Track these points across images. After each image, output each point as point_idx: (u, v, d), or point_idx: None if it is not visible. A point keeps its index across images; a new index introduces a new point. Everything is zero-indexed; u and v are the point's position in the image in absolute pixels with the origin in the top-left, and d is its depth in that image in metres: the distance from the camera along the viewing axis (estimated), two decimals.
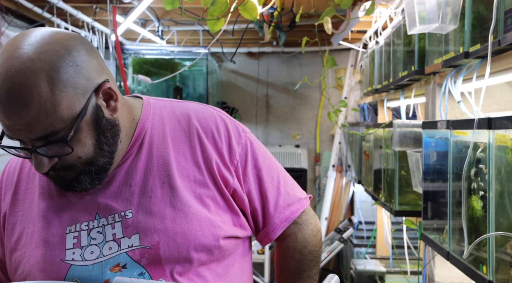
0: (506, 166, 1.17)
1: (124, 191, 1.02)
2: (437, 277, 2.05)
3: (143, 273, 0.98)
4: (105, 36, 4.04)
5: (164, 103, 1.13)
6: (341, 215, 4.91)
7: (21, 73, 0.85)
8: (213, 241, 1.01)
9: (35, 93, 0.85)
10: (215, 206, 1.04)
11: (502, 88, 2.03)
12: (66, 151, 0.91)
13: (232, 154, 1.08)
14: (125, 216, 1.00)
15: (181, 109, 1.11)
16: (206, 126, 1.08)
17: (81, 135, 0.92)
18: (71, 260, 0.98)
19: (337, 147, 4.95)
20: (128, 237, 0.99)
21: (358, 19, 3.07)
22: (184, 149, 1.06)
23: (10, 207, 1.07)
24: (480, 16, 1.52)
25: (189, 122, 1.08)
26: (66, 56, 0.89)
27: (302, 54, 5.26)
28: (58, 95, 0.87)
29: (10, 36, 3.10)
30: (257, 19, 2.06)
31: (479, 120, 1.27)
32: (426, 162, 1.81)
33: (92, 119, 0.93)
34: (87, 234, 1.00)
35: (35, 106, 0.86)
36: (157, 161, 1.04)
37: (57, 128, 0.89)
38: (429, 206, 1.81)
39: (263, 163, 1.13)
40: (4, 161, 3.21)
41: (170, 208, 1.00)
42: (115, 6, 2.94)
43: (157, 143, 1.05)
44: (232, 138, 1.09)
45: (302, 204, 1.17)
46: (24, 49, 0.87)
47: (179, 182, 1.02)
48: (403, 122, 2.23)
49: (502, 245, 1.21)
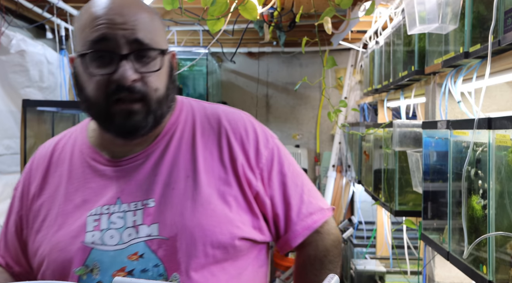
0: (506, 166, 1.17)
1: (150, 179, 1.04)
2: (437, 277, 2.05)
3: (158, 265, 0.98)
4: None
5: (196, 103, 1.17)
6: (341, 215, 4.91)
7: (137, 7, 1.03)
8: (229, 239, 1.01)
9: (147, 8, 1.04)
10: (236, 205, 1.05)
11: (502, 88, 2.03)
12: (155, 67, 1.00)
13: (258, 157, 1.09)
14: (147, 204, 1.01)
15: (212, 110, 1.15)
16: (235, 127, 1.11)
17: (163, 67, 1.03)
18: (91, 243, 1.00)
19: (337, 146, 4.95)
20: (148, 225, 1.00)
21: (358, 19, 3.07)
22: (212, 147, 1.08)
23: (39, 190, 1.11)
24: (480, 16, 1.52)
25: (219, 122, 1.11)
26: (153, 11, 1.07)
27: (302, 54, 5.26)
28: (159, 23, 1.06)
29: (10, 36, 3.10)
30: (257, 19, 2.06)
31: (479, 120, 1.27)
32: (426, 162, 1.81)
33: (168, 65, 1.05)
34: (108, 218, 1.02)
35: (147, 14, 1.02)
36: (184, 155, 1.06)
37: (157, 43, 1.01)
38: (429, 206, 1.81)
39: (289, 169, 1.13)
40: (4, 161, 3.21)
41: (191, 201, 1.01)
42: None
43: (186, 138, 1.08)
44: (259, 142, 1.11)
45: (325, 214, 1.17)
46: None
47: (203, 178, 1.04)
48: (403, 122, 2.23)
49: (502, 245, 1.21)
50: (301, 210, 1.12)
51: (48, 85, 3.56)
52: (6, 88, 3.21)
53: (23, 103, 2.56)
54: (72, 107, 3.01)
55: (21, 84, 3.29)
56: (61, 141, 1.17)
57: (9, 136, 3.23)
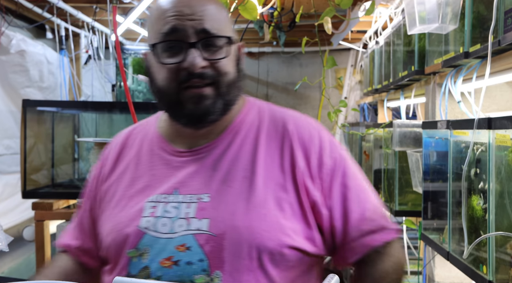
0: (506, 166, 1.17)
1: (208, 174, 1.05)
2: (437, 277, 2.05)
3: (202, 260, 0.98)
4: (105, 36, 4.04)
5: (266, 105, 1.17)
6: None
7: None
8: (278, 246, 0.99)
9: (214, 0, 1.06)
10: (291, 212, 1.02)
11: (502, 88, 2.03)
12: (222, 55, 1.03)
13: (321, 166, 1.06)
14: (201, 199, 1.02)
15: (280, 113, 1.14)
16: (300, 134, 1.09)
17: (231, 54, 1.06)
18: (144, 228, 1.03)
19: None
20: (199, 219, 1.00)
21: (358, 19, 3.07)
22: (274, 150, 1.07)
23: (109, 172, 1.16)
24: (480, 16, 1.52)
25: (285, 126, 1.10)
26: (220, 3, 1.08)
27: (302, 54, 5.26)
28: (226, 14, 1.07)
29: (10, 36, 3.11)
30: (257, 19, 2.06)
31: (479, 120, 1.27)
32: (426, 162, 1.81)
33: (236, 53, 1.08)
34: (163, 206, 1.04)
35: (214, 6, 1.05)
36: (246, 155, 1.06)
37: (223, 32, 1.03)
38: (429, 206, 1.81)
39: (353, 182, 1.08)
40: (4, 161, 3.21)
41: (245, 202, 1.01)
42: (115, 6, 2.93)
43: (251, 138, 1.08)
44: (324, 151, 1.08)
45: (387, 235, 1.09)
46: None
47: (260, 181, 1.03)
48: (403, 122, 2.23)
49: (502, 245, 1.21)
50: (361, 226, 1.06)
51: (48, 85, 3.56)
52: (6, 88, 3.21)
53: (23, 103, 2.56)
54: (72, 107, 3.01)
55: (21, 84, 3.29)
56: (136, 129, 1.23)
57: (9, 136, 3.23)
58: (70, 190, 2.84)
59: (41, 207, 2.51)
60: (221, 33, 1.02)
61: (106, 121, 3.05)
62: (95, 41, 3.98)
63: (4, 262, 2.99)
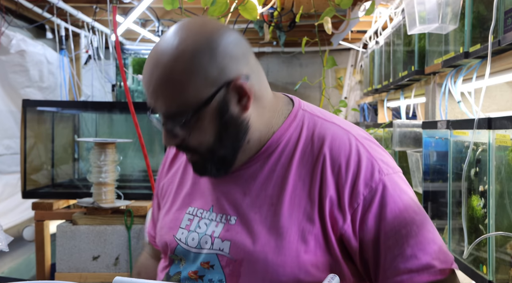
0: (506, 166, 1.17)
1: (240, 195, 1.02)
2: None
3: (221, 281, 0.98)
4: (105, 36, 4.04)
5: (310, 117, 1.05)
6: None
7: (160, 54, 0.93)
8: (292, 281, 0.94)
9: (168, 73, 0.92)
10: (315, 244, 0.96)
11: (502, 88, 2.03)
12: (184, 134, 0.96)
13: (354, 195, 0.95)
14: (230, 220, 1.01)
15: (320, 130, 1.02)
16: (335, 157, 0.97)
17: (202, 123, 0.95)
18: (178, 239, 1.05)
19: None
20: (222, 240, 0.99)
21: (358, 19, 3.07)
22: (305, 176, 0.98)
23: (168, 169, 1.19)
24: (480, 16, 1.52)
25: (321, 147, 0.99)
26: (204, 45, 0.92)
27: (302, 54, 5.26)
28: (186, 80, 0.91)
29: (10, 36, 3.11)
30: (257, 19, 2.06)
31: (479, 120, 1.27)
32: (426, 162, 1.81)
33: (217, 111, 0.94)
34: (198, 221, 1.05)
35: (164, 82, 0.92)
36: (276, 180, 1.00)
37: (180, 109, 0.93)
38: (429, 206, 1.81)
39: (392, 213, 0.95)
40: (4, 161, 3.21)
41: (266, 231, 0.96)
42: (115, 6, 2.93)
43: (283, 161, 1.00)
44: (360, 178, 0.95)
45: (432, 275, 0.93)
46: (171, 35, 0.95)
47: (286, 209, 0.97)
48: (403, 122, 2.23)
49: (502, 245, 1.21)
50: (396, 265, 0.93)
51: (48, 85, 3.56)
52: (6, 88, 3.21)
53: (23, 103, 2.56)
54: (72, 107, 3.01)
55: (21, 84, 3.29)
56: None
57: (9, 136, 3.23)
58: (70, 190, 2.84)
59: (41, 207, 2.51)
60: (177, 114, 0.93)
61: (106, 121, 3.05)
62: (95, 41, 3.98)
63: (4, 262, 2.99)
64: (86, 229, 2.39)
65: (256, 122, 0.99)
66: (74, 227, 2.40)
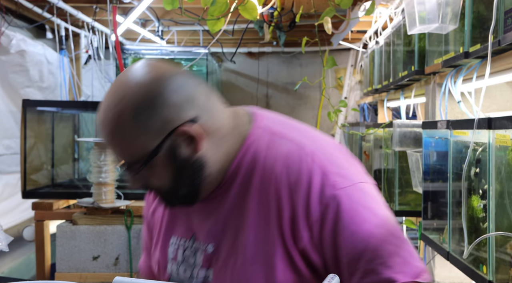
0: (506, 166, 1.17)
1: (211, 223, 1.04)
2: (437, 277, 2.05)
3: None
4: (105, 36, 4.04)
5: (266, 136, 1.03)
6: None
7: (105, 109, 0.96)
8: None
9: (113, 130, 0.95)
10: (282, 266, 0.97)
11: (502, 88, 2.03)
12: (140, 181, 0.99)
13: (309, 213, 0.95)
14: (208, 248, 1.04)
15: (277, 149, 1.01)
16: (287, 177, 0.97)
17: (156, 170, 0.97)
18: (170, 271, 1.09)
19: None
20: (205, 268, 1.04)
21: (358, 19, 3.07)
22: (264, 200, 0.99)
23: (152, 201, 1.20)
24: (480, 16, 1.52)
25: (274, 170, 0.99)
26: (143, 101, 0.93)
27: (302, 54, 5.26)
28: (130, 137, 0.94)
29: (10, 36, 3.11)
30: (257, 19, 2.06)
31: (479, 120, 1.27)
32: (426, 162, 1.81)
33: (167, 158, 0.96)
34: (183, 251, 1.07)
35: (114, 137, 0.96)
36: (240, 206, 1.01)
37: (132, 160, 0.96)
38: (429, 206, 1.81)
39: (348, 228, 0.93)
40: (4, 161, 3.21)
41: (235, 259, 0.99)
42: (115, 6, 2.94)
43: (244, 188, 1.01)
44: (312, 195, 0.95)
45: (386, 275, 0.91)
46: (114, 89, 0.97)
47: (252, 236, 0.98)
48: (403, 122, 2.23)
49: (502, 245, 1.21)
50: (357, 280, 0.93)
51: (48, 85, 3.56)
52: (6, 88, 3.21)
53: (23, 103, 2.56)
54: (72, 107, 3.01)
55: (21, 84, 3.29)
56: None
57: (9, 136, 3.23)
58: (70, 190, 2.84)
59: (41, 207, 2.51)
60: (131, 164, 0.96)
61: None
62: (95, 41, 3.98)
63: (4, 262, 2.99)
64: (86, 229, 2.39)
65: (214, 156, 0.99)
66: (74, 227, 2.40)
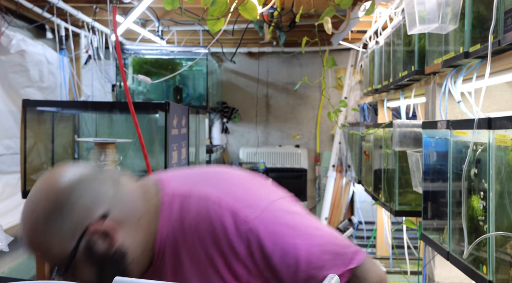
0: (506, 166, 1.17)
1: None
2: (437, 277, 2.05)
3: None
4: (105, 36, 4.04)
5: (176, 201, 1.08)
6: (341, 215, 4.91)
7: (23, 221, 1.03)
8: None
9: (31, 239, 1.02)
10: None
11: (502, 88, 2.03)
12: (72, 279, 1.03)
13: (236, 252, 1.02)
14: None
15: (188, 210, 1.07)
16: (206, 230, 1.03)
17: (79, 269, 1.02)
18: None
19: (337, 147, 4.95)
20: None
21: (358, 19, 3.07)
22: (196, 259, 1.05)
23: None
24: (480, 16, 1.52)
25: (193, 229, 1.05)
26: (52, 211, 1.00)
27: (302, 54, 5.26)
28: (49, 241, 1.00)
29: (10, 36, 3.10)
30: (257, 19, 2.06)
31: (479, 120, 1.27)
32: (426, 162, 1.81)
33: (86, 256, 1.01)
34: None
35: (34, 246, 1.03)
36: (178, 273, 1.07)
37: (56, 264, 1.02)
38: (429, 206, 1.81)
39: (275, 251, 1.01)
40: (4, 161, 3.21)
41: None
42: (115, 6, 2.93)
43: (175, 255, 1.07)
44: (231, 237, 1.02)
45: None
46: (27, 203, 1.03)
47: None
48: (403, 122, 2.23)
49: (502, 245, 1.21)
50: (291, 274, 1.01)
51: (48, 85, 3.56)
52: (6, 88, 3.21)
53: (23, 103, 2.55)
54: (72, 107, 3.01)
55: (21, 84, 3.29)
56: None
57: (9, 136, 3.23)
58: None
59: None
60: (55, 267, 1.02)
61: (106, 121, 3.05)
62: (95, 41, 3.98)
63: (4, 262, 2.99)
64: None
65: (134, 241, 1.04)
66: None
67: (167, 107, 2.36)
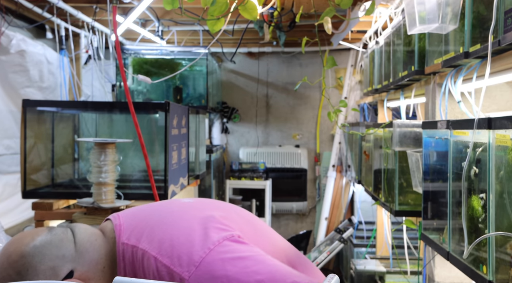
0: (506, 166, 1.17)
1: None
2: (437, 277, 2.05)
3: None
4: (105, 36, 4.04)
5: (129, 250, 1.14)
6: (341, 215, 4.91)
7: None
8: None
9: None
10: None
11: (502, 88, 2.03)
12: None
13: None
14: None
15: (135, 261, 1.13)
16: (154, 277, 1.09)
17: None
18: None
19: (337, 147, 4.95)
20: None
21: (358, 19, 3.07)
22: None
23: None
24: (480, 16, 1.52)
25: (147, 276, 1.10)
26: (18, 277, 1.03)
27: (302, 54, 5.26)
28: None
29: (10, 36, 3.10)
30: (257, 19, 2.06)
31: (479, 120, 1.27)
32: (426, 162, 1.81)
33: None
34: None
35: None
36: None
37: None
38: (429, 206, 1.81)
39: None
40: (4, 161, 3.21)
41: None
42: (115, 6, 2.93)
43: None
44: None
45: None
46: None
47: None
48: (403, 122, 2.23)
49: (502, 245, 1.21)
50: None
51: (48, 85, 3.56)
52: (6, 88, 3.21)
53: (23, 103, 2.56)
54: (72, 107, 3.01)
55: (21, 84, 3.29)
56: None
57: (9, 136, 3.23)
58: (70, 190, 2.84)
59: (41, 207, 2.51)
60: None
61: (106, 121, 3.05)
62: (95, 41, 3.98)
63: None
64: None
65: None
66: None
67: (167, 107, 2.36)
